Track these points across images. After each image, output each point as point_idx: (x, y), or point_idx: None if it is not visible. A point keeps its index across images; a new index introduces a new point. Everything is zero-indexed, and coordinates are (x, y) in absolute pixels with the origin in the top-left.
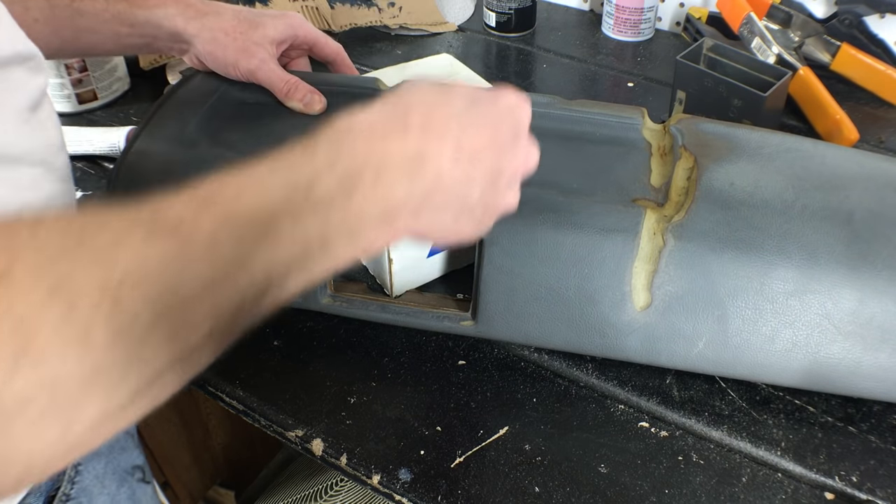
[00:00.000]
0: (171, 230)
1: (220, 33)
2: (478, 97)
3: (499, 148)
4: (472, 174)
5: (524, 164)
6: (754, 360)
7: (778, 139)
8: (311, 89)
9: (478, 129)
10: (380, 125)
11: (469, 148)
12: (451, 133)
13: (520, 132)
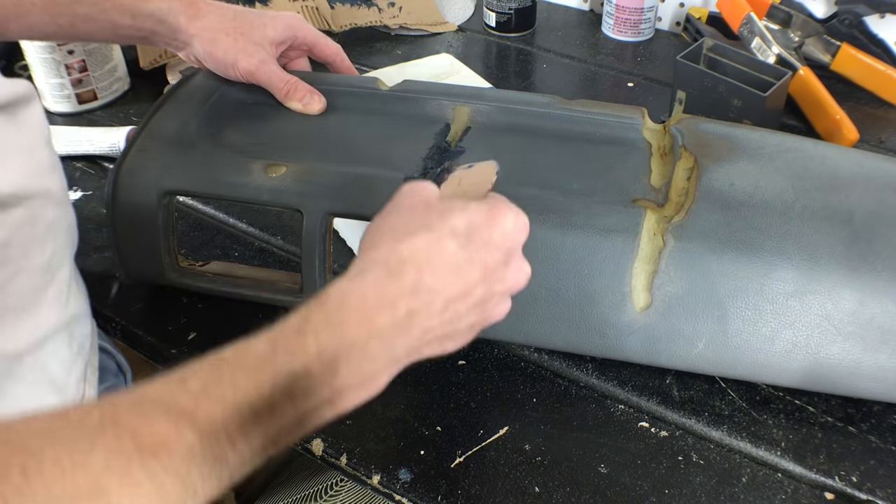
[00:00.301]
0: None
1: (220, 34)
2: (473, 229)
3: (490, 278)
4: (461, 314)
5: (515, 283)
6: (754, 361)
7: (778, 139)
8: (310, 89)
9: (470, 269)
10: (372, 298)
11: (460, 293)
12: (443, 288)
13: (512, 254)
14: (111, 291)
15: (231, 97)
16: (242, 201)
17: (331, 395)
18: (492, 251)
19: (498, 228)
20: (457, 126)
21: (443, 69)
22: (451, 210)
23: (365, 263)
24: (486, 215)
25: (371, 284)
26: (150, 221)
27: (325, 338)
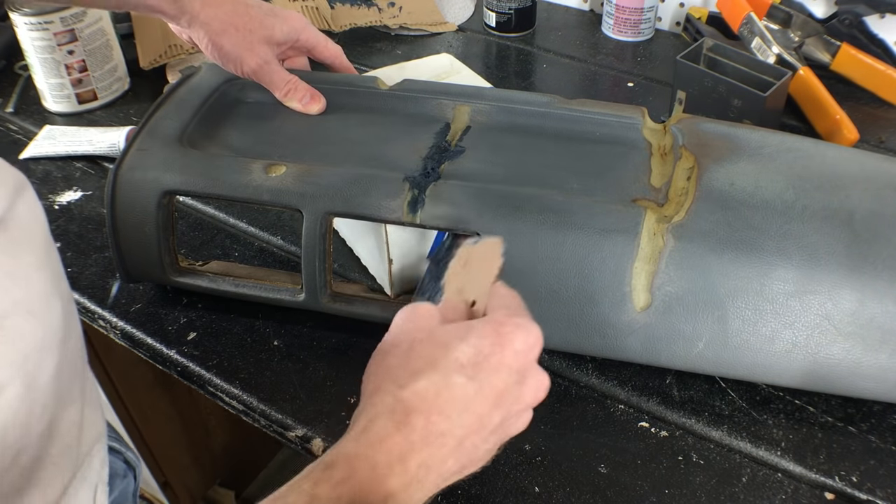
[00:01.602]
0: None
1: (230, 27)
2: (480, 356)
3: (504, 402)
4: (477, 445)
5: (534, 399)
6: (754, 361)
7: (778, 139)
8: (310, 89)
9: (482, 401)
10: (382, 460)
11: (473, 428)
12: (455, 428)
13: (527, 371)
14: (111, 291)
15: (231, 97)
16: (242, 201)
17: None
18: (503, 375)
19: (508, 349)
20: (457, 125)
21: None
22: (454, 340)
23: (369, 415)
24: (491, 339)
25: (379, 444)
26: (150, 221)
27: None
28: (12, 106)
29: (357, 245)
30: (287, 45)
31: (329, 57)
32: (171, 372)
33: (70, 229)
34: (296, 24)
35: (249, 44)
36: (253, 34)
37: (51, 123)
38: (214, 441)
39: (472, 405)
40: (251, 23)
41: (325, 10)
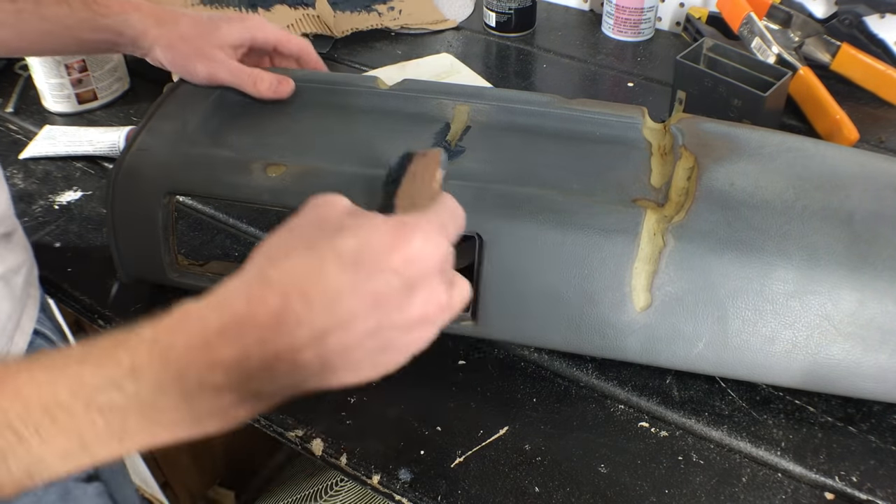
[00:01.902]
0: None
1: (178, 40)
2: (365, 252)
3: (383, 308)
4: (345, 347)
5: (425, 313)
6: (754, 361)
7: (778, 139)
8: (275, 75)
9: (353, 298)
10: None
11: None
12: (315, 319)
13: (421, 281)
14: (111, 291)
15: (231, 97)
16: (242, 201)
17: (149, 418)
18: (386, 277)
19: (398, 252)
20: (457, 125)
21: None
22: (344, 228)
23: (226, 283)
24: (386, 237)
25: (219, 306)
26: (150, 221)
27: (144, 355)
28: (12, 106)
29: None
30: (245, 47)
31: (294, 50)
32: None
33: (70, 229)
34: (248, 24)
35: (200, 50)
36: (203, 40)
37: (51, 123)
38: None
39: (341, 299)
40: (199, 30)
41: (327, 17)
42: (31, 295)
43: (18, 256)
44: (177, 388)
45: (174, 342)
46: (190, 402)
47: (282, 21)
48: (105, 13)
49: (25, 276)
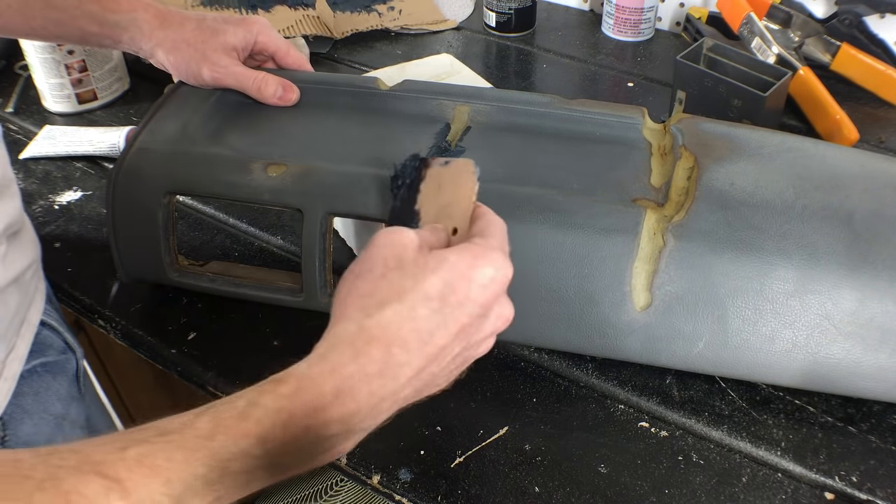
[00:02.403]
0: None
1: (182, 43)
2: (449, 289)
3: (465, 334)
4: (434, 374)
5: (494, 330)
6: (754, 361)
7: (778, 139)
8: (281, 80)
9: (443, 333)
10: (329, 386)
11: (431, 359)
12: (413, 360)
13: (492, 305)
14: (111, 291)
15: (231, 97)
16: (242, 201)
17: (274, 471)
18: (468, 309)
19: (476, 283)
20: (457, 126)
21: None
22: (426, 271)
23: (331, 342)
24: (463, 270)
25: (331, 372)
26: (150, 221)
27: (269, 425)
28: (12, 106)
29: (357, 244)
30: (248, 50)
31: (291, 65)
32: (171, 372)
33: (70, 229)
34: (252, 27)
35: (203, 54)
36: (206, 44)
37: (51, 123)
38: None
39: (434, 338)
40: (203, 34)
41: (327, 18)
42: (38, 289)
43: (28, 255)
44: (297, 447)
45: (294, 411)
46: (309, 454)
47: (282, 22)
48: (114, 9)
49: (34, 270)
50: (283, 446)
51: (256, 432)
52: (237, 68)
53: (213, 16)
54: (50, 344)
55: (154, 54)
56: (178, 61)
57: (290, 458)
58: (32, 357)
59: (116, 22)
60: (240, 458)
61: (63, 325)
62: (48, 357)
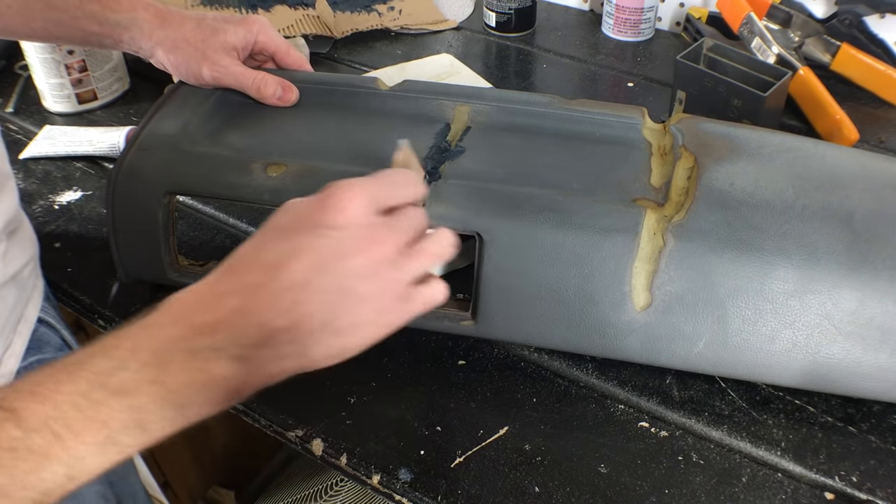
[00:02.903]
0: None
1: (182, 43)
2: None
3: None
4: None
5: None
6: (754, 361)
7: (778, 139)
8: (280, 81)
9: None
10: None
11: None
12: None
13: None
14: (111, 291)
15: (231, 97)
16: (242, 201)
17: (158, 400)
18: (320, 233)
19: (329, 211)
20: (457, 126)
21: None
22: (279, 210)
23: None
24: (314, 202)
25: (197, 288)
26: (150, 221)
27: (140, 337)
28: (12, 106)
29: None
30: (248, 49)
31: (291, 65)
32: None
33: (70, 229)
34: (252, 27)
35: (203, 53)
36: (206, 43)
37: (51, 123)
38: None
39: (280, 262)
40: (203, 33)
41: (327, 17)
42: (36, 286)
43: (27, 252)
44: (168, 357)
45: (161, 321)
46: (187, 369)
47: (282, 21)
48: (115, 8)
49: (32, 267)
50: (157, 358)
51: (129, 345)
52: (237, 68)
53: (212, 15)
54: (47, 341)
55: (154, 54)
56: (177, 61)
57: (170, 377)
58: (29, 354)
59: (117, 21)
60: (117, 372)
61: (61, 323)
62: (45, 354)
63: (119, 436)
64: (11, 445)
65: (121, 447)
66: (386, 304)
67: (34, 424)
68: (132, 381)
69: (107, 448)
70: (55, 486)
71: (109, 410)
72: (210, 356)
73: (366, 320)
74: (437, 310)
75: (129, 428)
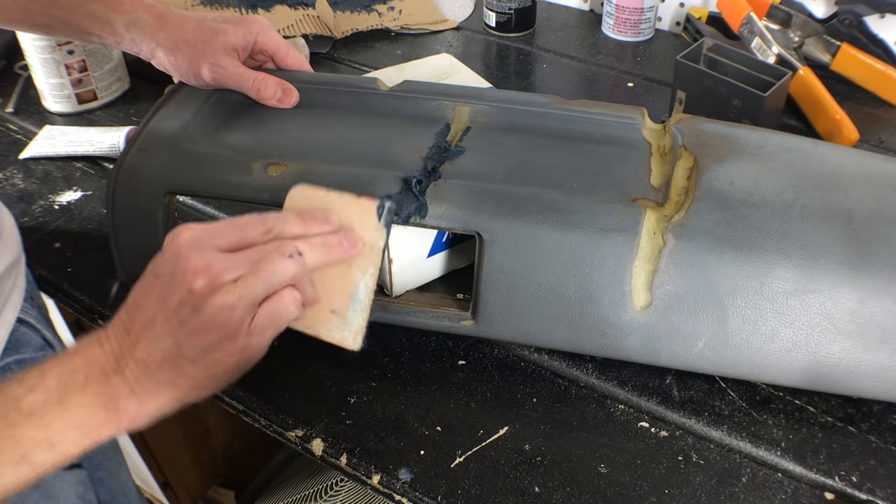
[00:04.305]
0: None
1: (182, 44)
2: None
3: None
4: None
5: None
6: (754, 360)
7: (778, 139)
8: (280, 82)
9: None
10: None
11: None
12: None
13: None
14: (111, 291)
15: (231, 97)
16: (242, 201)
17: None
18: (158, 271)
19: (167, 251)
20: (457, 126)
21: (443, 69)
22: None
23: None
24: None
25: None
26: (150, 221)
27: (48, 366)
28: (12, 106)
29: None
30: (248, 50)
31: (291, 65)
32: None
33: (70, 229)
34: (252, 28)
35: (203, 54)
36: (206, 44)
37: (51, 123)
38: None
39: (139, 301)
40: (203, 34)
41: (327, 17)
42: (16, 286)
43: (10, 254)
44: (73, 384)
45: (68, 354)
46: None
47: (282, 21)
48: (117, 9)
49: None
50: (59, 381)
51: (37, 374)
52: (237, 69)
53: (212, 16)
54: (27, 341)
55: (154, 55)
56: (178, 62)
57: (69, 395)
58: (7, 354)
59: (119, 22)
60: (26, 397)
61: (42, 323)
62: (24, 354)
63: (32, 454)
64: None
65: (33, 465)
66: (227, 328)
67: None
68: (40, 404)
69: (20, 466)
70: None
71: (22, 431)
72: (104, 381)
73: (211, 347)
74: (438, 310)
75: (41, 445)
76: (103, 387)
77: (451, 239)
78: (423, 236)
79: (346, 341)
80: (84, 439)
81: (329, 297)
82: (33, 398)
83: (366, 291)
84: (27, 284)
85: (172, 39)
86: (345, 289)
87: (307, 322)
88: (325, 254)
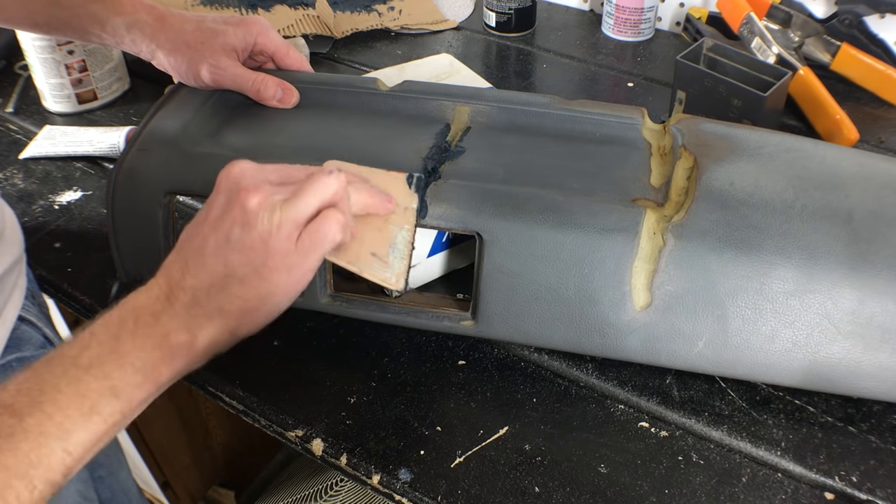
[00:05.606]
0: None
1: (182, 45)
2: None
3: (219, 222)
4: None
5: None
6: (754, 360)
7: (778, 139)
8: (280, 83)
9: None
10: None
11: (195, 249)
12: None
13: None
14: (111, 291)
15: (231, 97)
16: None
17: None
18: (215, 201)
19: (222, 180)
20: (457, 126)
21: (443, 69)
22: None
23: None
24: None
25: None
26: (150, 221)
27: (94, 323)
28: (12, 106)
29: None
30: (248, 51)
31: (291, 66)
32: None
33: (70, 229)
34: (252, 28)
35: (202, 55)
36: (205, 45)
37: (51, 123)
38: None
39: (192, 233)
40: (203, 35)
41: (327, 17)
42: (18, 285)
43: (12, 253)
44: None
45: (111, 309)
46: (137, 339)
47: (282, 21)
48: (117, 10)
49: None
50: (107, 332)
51: (87, 332)
52: (236, 70)
53: (212, 17)
54: (28, 339)
55: (154, 56)
56: (177, 62)
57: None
58: (8, 352)
59: (119, 23)
60: (82, 353)
61: (43, 321)
62: (24, 352)
63: (99, 405)
64: (10, 432)
65: (103, 416)
66: (275, 246)
67: (26, 410)
68: (97, 356)
69: (91, 418)
70: (56, 462)
71: (86, 384)
72: (151, 321)
73: (259, 265)
74: (437, 310)
75: (105, 395)
76: (153, 327)
77: (450, 239)
78: (423, 236)
79: (388, 281)
80: (146, 383)
81: (370, 242)
82: (89, 353)
83: (404, 242)
84: (28, 283)
85: (172, 41)
86: (384, 238)
87: (349, 257)
88: (366, 193)
